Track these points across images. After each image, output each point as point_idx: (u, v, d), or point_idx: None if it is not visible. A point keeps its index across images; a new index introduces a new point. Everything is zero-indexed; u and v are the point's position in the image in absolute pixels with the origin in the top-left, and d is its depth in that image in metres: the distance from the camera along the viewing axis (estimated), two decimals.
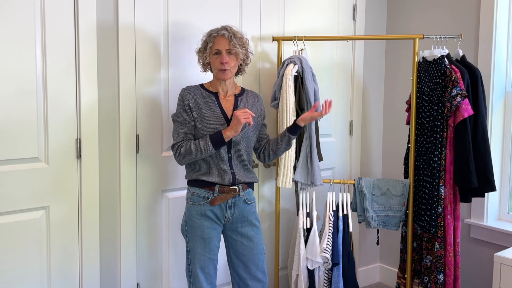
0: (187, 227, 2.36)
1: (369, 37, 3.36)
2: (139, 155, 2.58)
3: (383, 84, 3.61)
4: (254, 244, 2.38)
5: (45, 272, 2.35)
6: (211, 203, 2.31)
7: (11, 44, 2.17)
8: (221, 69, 2.29)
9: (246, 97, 2.43)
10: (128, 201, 2.56)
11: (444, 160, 2.72)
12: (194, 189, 2.34)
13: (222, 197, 2.31)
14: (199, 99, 2.33)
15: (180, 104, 2.34)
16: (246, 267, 2.38)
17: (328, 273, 2.85)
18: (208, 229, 2.32)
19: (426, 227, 2.76)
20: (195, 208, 2.33)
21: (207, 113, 2.30)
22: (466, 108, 2.62)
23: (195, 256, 2.33)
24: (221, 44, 2.28)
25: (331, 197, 2.92)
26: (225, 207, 2.33)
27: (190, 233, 2.34)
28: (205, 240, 2.31)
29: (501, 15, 2.93)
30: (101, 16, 2.41)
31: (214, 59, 2.31)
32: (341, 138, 3.40)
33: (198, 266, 2.32)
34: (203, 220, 2.31)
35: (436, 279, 2.75)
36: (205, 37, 2.35)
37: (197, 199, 2.33)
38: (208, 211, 2.31)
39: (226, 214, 2.34)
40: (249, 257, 2.38)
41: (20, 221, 2.26)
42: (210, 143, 2.24)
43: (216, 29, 2.33)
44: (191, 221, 2.33)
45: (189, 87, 2.39)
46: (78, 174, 2.40)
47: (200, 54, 2.38)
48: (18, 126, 2.22)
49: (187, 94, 2.34)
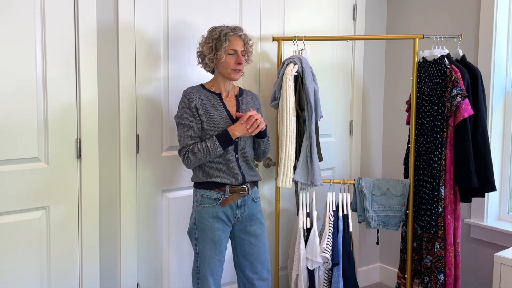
0: (196, 230, 2.33)
1: (369, 37, 3.36)
2: (139, 155, 2.58)
3: (383, 84, 3.61)
4: (261, 243, 2.40)
5: (45, 272, 2.35)
6: (223, 204, 2.30)
7: (11, 44, 2.17)
8: (235, 69, 2.28)
9: (246, 98, 2.43)
10: (128, 201, 2.56)
11: (444, 160, 2.72)
12: (204, 191, 2.32)
13: (233, 197, 2.31)
14: (204, 100, 2.30)
15: (186, 106, 2.28)
16: (253, 267, 2.39)
17: (328, 273, 2.85)
18: (219, 231, 2.31)
19: (426, 227, 2.76)
20: (206, 211, 2.30)
21: (215, 114, 2.28)
22: (466, 108, 2.62)
23: (205, 259, 2.31)
24: (238, 45, 2.26)
25: (331, 197, 2.92)
26: (236, 207, 2.34)
27: (200, 236, 2.31)
28: (215, 242, 2.30)
29: (501, 15, 2.93)
30: (101, 16, 2.41)
31: (229, 59, 2.26)
32: (341, 138, 3.40)
33: (208, 270, 2.31)
34: (214, 223, 2.30)
35: (436, 279, 2.75)
36: (216, 34, 2.25)
37: (208, 201, 2.31)
38: (220, 213, 2.30)
39: (236, 214, 2.34)
40: (256, 256, 2.39)
41: (20, 221, 2.26)
42: (218, 143, 2.22)
43: (229, 28, 2.27)
44: (202, 224, 2.30)
45: (192, 88, 2.35)
46: (78, 174, 2.40)
47: (210, 51, 2.27)
48: (18, 126, 2.22)
49: (193, 95, 2.29)
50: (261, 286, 2.40)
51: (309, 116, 2.75)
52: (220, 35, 2.25)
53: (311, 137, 2.76)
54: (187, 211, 2.73)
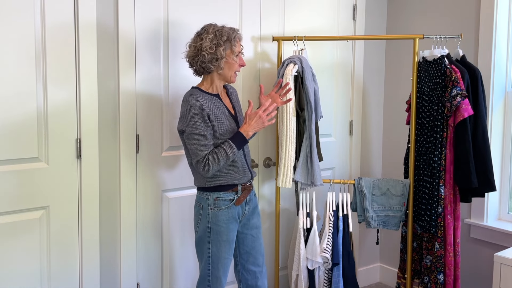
0: (211, 233, 2.28)
1: (369, 37, 3.36)
2: (139, 155, 2.58)
3: (383, 84, 3.61)
4: (259, 234, 2.47)
5: (45, 272, 2.35)
6: (237, 203, 2.31)
7: (11, 44, 2.17)
8: (236, 72, 2.30)
9: (232, 93, 2.45)
10: (128, 201, 2.56)
11: (444, 160, 2.72)
12: (217, 194, 2.28)
13: (244, 194, 2.34)
14: (212, 106, 2.22)
15: (197, 115, 2.15)
16: (255, 259, 2.44)
17: (328, 273, 2.85)
18: (233, 232, 2.32)
19: (426, 227, 2.76)
20: (222, 213, 2.28)
21: (223, 118, 2.25)
22: (466, 108, 2.62)
23: (219, 260, 2.29)
24: (240, 47, 2.28)
25: (331, 197, 2.92)
26: (245, 204, 2.37)
27: (214, 239, 2.28)
28: (230, 243, 2.31)
29: (501, 15, 2.93)
30: (101, 16, 2.41)
31: (234, 61, 2.25)
32: (341, 138, 3.40)
33: (222, 271, 2.31)
34: (229, 224, 2.29)
35: (436, 279, 2.75)
36: (227, 34, 2.19)
37: (223, 204, 2.28)
38: (235, 212, 2.32)
39: (245, 210, 2.38)
40: (258, 248, 2.45)
41: (20, 221, 2.26)
42: (235, 147, 2.21)
43: (232, 29, 2.24)
44: (218, 226, 2.27)
45: (196, 94, 2.20)
46: (78, 174, 2.40)
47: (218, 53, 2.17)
48: (18, 126, 2.22)
49: (202, 103, 2.17)
50: (262, 277, 2.46)
51: (309, 116, 2.75)
52: (231, 37, 2.20)
53: (311, 137, 2.76)
54: (187, 211, 2.73)
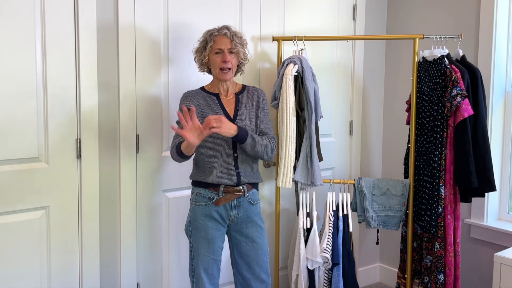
0: (191, 228, 2.35)
1: (369, 37, 3.36)
2: (139, 155, 2.58)
3: (383, 84, 3.61)
4: (258, 245, 2.37)
5: (45, 272, 2.35)
6: (216, 204, 2.30)
7: (11, 43, 2.17)
8: (222, 69, 2.28)
9: (246, 94, 2.42)
10: (128, 201, 2.56)
11: (444, 160, 2.72)
12: (198, 190, 2.34)
13: (227, 197, 2.31)
14: (201, 102, 2.33)
15: (179, 108, 2.33)
16: (250, 268, 2.38)
17: (328, 273, 2.85)
18: (212, 230, 2.31)
19: (426, 227, 2.76)
20: (199, 209, 2.32)
21: (210, 114, 2.27)
22: (466, 108, 2.62)
23: (199, 257, 2.33)
24: (223, 43, 2.28)
25: (331, 197, 2.92)
26: (230, 208, 2.33)
27: (194, 234, 2.34)
28: (209, 241, 2.31)
29: (501, 15, 2.93)
30: (101, 16, 2.41)
31: (216, 58, 2.29)
32: (341, 138, 3.40)
33: (202, 267, 2.32)
34: (207, 221, 2.31)
35: (436, 279, 2.75)
36: (204, 36, 2.34)
37: (201, 200, 2.32)
38: (213, 212, 2.31)
39: (230, 215, 2.34)
40: (253, 257, 2.37)
41: (20, 221, 2.26)
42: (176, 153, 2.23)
43: (216, 28, 2.32)
44: (196, 222, 2.33)
45: (189, 91, 2.40)
46: (78, 174, 2.40)
47: (199, 53, 2.36)
48: (18, 126, 2.22)
49: (186, 99, 2.35)
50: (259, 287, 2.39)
51: (309, 116, 2.75)
52: (207, 36, 2.31)
53: (311, 137, 2.76)
54: (187, 211, 2.73)
